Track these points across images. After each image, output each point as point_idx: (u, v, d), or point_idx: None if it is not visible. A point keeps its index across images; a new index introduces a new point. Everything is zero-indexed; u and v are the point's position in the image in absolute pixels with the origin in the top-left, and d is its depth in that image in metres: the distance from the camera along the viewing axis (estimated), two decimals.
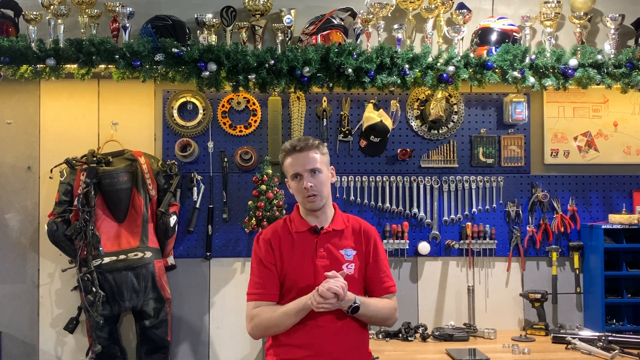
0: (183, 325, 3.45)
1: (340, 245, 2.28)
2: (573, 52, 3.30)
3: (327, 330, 2.21)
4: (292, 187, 2.29)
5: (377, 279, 2.33)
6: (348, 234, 2.31)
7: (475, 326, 3.36)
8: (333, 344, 2.20)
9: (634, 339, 3.01)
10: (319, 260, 2.23)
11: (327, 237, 2.28)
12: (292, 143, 2.28)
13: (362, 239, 2.32)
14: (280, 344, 2.26)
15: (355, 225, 2.35)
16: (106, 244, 3.20)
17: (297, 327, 2.21)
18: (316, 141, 2.29)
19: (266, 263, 2.25)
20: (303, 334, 2.21)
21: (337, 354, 2.21)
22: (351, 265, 2.25)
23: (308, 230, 2.28)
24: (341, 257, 2.25)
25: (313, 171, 2.23)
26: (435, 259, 3.54)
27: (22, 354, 3.41)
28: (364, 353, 2.33)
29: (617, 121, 3.60)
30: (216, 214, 3.47)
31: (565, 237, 3.54)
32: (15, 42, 3.09)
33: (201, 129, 3.46)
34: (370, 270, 2.32)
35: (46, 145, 3.45)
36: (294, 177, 2.25)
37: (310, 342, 2.20)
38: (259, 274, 2.25)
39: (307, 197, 2.23)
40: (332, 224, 2.30)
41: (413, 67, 3.21)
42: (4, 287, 3.42)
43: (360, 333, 2.30)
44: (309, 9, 3.46)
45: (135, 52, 3.09)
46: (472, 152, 3.55)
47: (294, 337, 2.22)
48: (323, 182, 2.25)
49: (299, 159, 2.24)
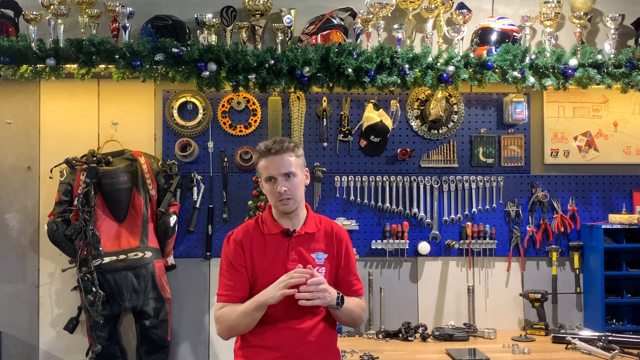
0: (183, 325, 3.45)
1: (311, 248, 2.27)
2: (573, 52, 3.30)
3: (297, 331, 2.19)
4: (265, 189, 2.27)
5: (347, 282, 2.33)
6: (320, 237, 2.30)
7: (475, 326, 3.36)
8: (304, 344, 2.19)
9: (634, 339, 3.01)
10: (290, 263, 2.21)
11: (299, 240, 2.26)
12: (267, 145, 2.23)
13: (334, 241, 2.31)
14: (249, 345, 2.24)
15: (327, 227, 2.34)
16: (106, 244, 3.20)
17: (267, 328, 2.19)
18: (292, 143, 2.25)
19: (236, 265, 2.23)
20: (273, 335, 2.19)
21: (308, 355, 2.20)
22: (322, 269, 2.24)
23: (280, 232, 2.27)
24: (312, 261, 2.24)
25: (287, 175, 2.21)
26: (435, 259, 3.54)
27: (22, 354, 3.41)
28: (334, 353, 2.33)
29: (617, 121, 3.60)
30: (216, 214, 3.47)
31: (565, 237, 3.54)
32: (15, 42, 3.09)
33: (201, 129, 3.46)
34: (341, 273, 2.32)
35: (46, 145, 3.45)
36: (268, 180, 2.23)
37: (281, 343, 2.19)
38: (229, 276, 2.24)
39: (280, 201, 2.21)
40: (305, 227, 2.28)
41: (413, 67, 3.21)
42: (4, 287, 3.42)
43: (330, 333, 2.30)
44: (309, 9, 3.47)
45: (135, 52, 3.09)
46: (472, 152, 3.55)
47: (263, 339, 2.20)
48: (297, 185, 2.23)
49: (274, 162, 2.21)
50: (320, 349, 2.24)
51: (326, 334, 2.27)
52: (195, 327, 3.46)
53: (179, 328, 3.44)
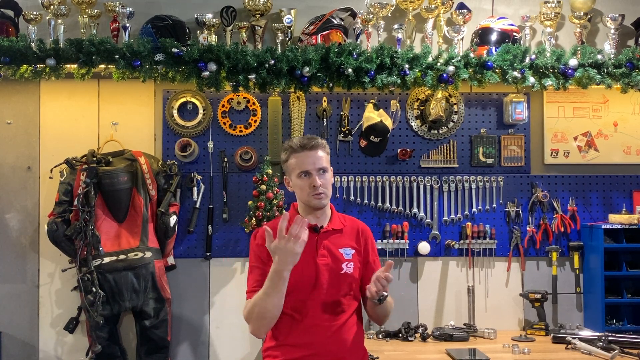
0: (183, 325, 3.45)
1: (339, 244, 2.28)
2: (573, 52, 3.30)
3: (328, 329, 2.20)
4: (296, 184, 2.27)
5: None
6: (346, 233, 2.32)
7: (475, 326, 3.36)
8: (335, 342, 2.20)
9: (634, 339, 3.01)
10: (320, 258, 2.23)
11: (326, 235, 2.28)
12: (301, 141, 2.26)
13: (360, 238, 2.33)
14: (279, 344, 2.24)
15: (352, 224, 2.37)
16: (106, 244, 3.20)
17: (297, 325, 2.20)
18: (323, 140, 2.30)
19: (265, 260, 2.22)
20: (303, 332, 2.20)
21: (338, 352, 2.20)
22: (350, 264, 2.26)
23: (308, 228, 2.27)
24: (341, 256, 2.26)
25: (321, 170, 2.25)
26: (435, 259, 3.54)
27: (22, 354, 3.41)
28: (362, 350, 2.33)
29: (617, 121, 3.60)
30: (216, 214, 3.47)
31: (565, 237, 3.54)
32: (15, 42, 3.09)
33: (201, 129, 3.46)
34: (369, 269, 2.32)
35: (46, 145, 3.45)
36: (302, 175, 2.25)
37: (310, 341, 2.19)
38: (258, 272, 2.22)
39: (315, 195, 2.23)
40: (331, 223, 2.31)
41: (413, 67, 3.21)
42: (4, 287, 3.42)
43: (359, 330, 2.31)
44: (309, 9, 3.47)
45: (135, 52, 3.09)
46: (472, 152, 3.55)
47: (293, 337, 2.21)
48: (329, 180, 2.28)
49: (309, 157, 2.24)
50: (350, 346, 2.24)
51: (355, 331, 2.27)
52: (195, 327, 3.46)
53: (179, 328, 3.44)
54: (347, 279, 2.23)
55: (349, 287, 2.24)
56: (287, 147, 2.30)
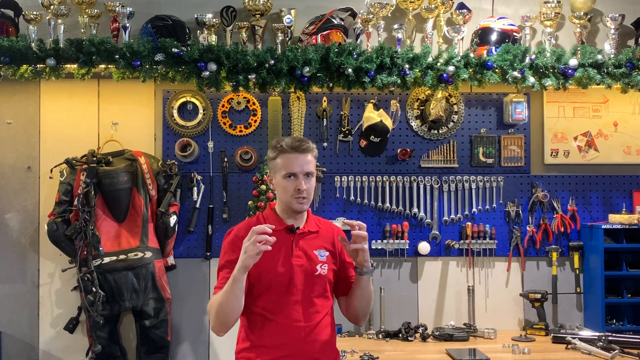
0: (183, 325, 3.45)
1: (314, 245, 2.28)
2: (573, 52, 3.30)
3: (302, 329, 2.19)
4: (280, 184, 2.26)
5: (349, 277, 2.33)
6: (322, 236, 2.32)
7: (475, 326, 3.36)
8: (308, 343, 2.19)
9: (634, 339, 3.01)
10: (295, 259, 2.23)
11: (302, 237, 2.28)
12: (292, 143, 2.25)
13: (336, 241, 2.33)
14: (252, 346, 2.22)
15: (327, 227, 2.37)
16: (106, 244, 3.20)
17: (270, 326, 2.19)
18: (313, 144, 2.29)
19: (236, 260, 2.15)
20: (277, 333, 2.18)
21: (312, 353, 2.20)
22: (325, 265, 2.26)
23: (284, 229, 2.27)
24: (315, 257, 2.25)
25: (308, 175, 2.24)
26: (435, 259, 3.54)
27: (22, 354, 3.41)
28: (335, 351, 2.33)
29: (617, 121, 3.60)
30: (216, 214, 3.47)
31: (565, 237, 3.54)
32: (15, 42, 3.09)
33: (201, 129, 3.46)
34: (342, 269, 2.33)
35: (46, 145, 3.45)
36: (288, 176, 2.25)
37: (284, 342, 2.18)
38: (228, 270, 2.17)
39: (297, 198, 2.23)
40: (307, 225, 2.30)
41: (413, 67, 3.22)
42: (4, 287, 3.42)
43: (332, 332, 2.31)
44: (309, 9, 3.47)
45: (135, 52, 3.09)
46: (472, 152, 3.55)
47: (267, 338, 2.19)
48: (313, 185, 2.27)
49: (298, 159, 2.23)
50: (324, 347, 2.24)
51: (329, 333, 2.27)
52: (195, 327, 3.46)
53: (179, 328, 3.44)
54: (321, 280, 2.23)
55: (323, 288, 2.24)
56: (277, 145, 2.28)
